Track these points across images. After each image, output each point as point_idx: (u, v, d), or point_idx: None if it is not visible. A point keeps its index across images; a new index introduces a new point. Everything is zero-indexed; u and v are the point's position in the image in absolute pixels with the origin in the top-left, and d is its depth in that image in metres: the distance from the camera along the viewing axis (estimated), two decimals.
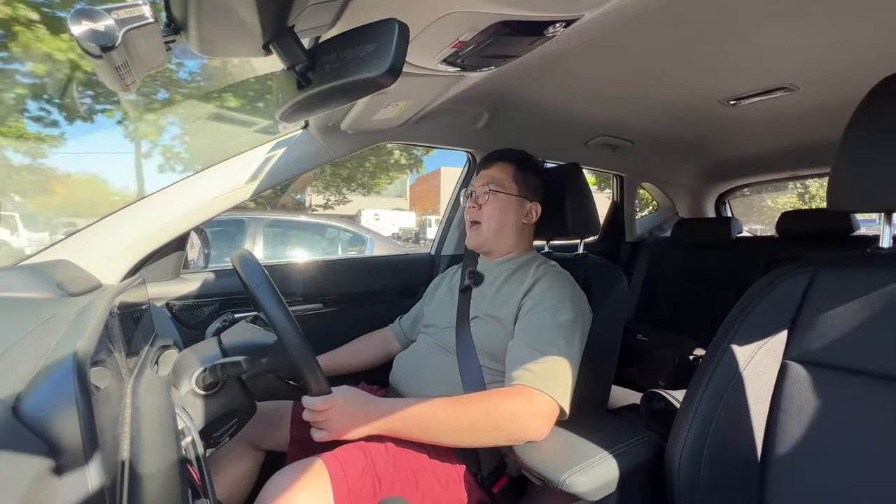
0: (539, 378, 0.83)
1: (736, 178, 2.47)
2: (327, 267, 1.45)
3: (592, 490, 0.71)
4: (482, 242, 1.10)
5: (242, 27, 0.55)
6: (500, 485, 0.91)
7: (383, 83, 0.53)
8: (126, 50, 0.49)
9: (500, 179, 1.09)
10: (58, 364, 0.40)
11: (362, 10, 0.63)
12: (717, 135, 1.73)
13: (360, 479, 0.79)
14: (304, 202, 14.22)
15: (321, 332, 1.34)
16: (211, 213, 1.12)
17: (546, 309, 0.92)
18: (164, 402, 0.58)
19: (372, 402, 0.82)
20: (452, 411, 0.79)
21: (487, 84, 1.07)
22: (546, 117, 1.42)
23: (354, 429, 0.79)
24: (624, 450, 0.79)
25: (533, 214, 1.12)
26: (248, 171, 1.16)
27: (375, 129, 1.26)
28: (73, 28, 0.46)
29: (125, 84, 0.57)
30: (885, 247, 0.69)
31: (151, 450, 0.48)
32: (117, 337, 0.62)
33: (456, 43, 0.78)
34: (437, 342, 1.07)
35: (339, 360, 1.20)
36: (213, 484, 0.60)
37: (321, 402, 0.77)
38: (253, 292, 0.75)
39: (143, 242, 1.06)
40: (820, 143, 1.67)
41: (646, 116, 1.48)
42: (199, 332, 1.19)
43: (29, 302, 0.73)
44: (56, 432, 0.34)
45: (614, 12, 0.74)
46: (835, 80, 1.10)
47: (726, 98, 1.26)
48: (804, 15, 0.81)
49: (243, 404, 0.79)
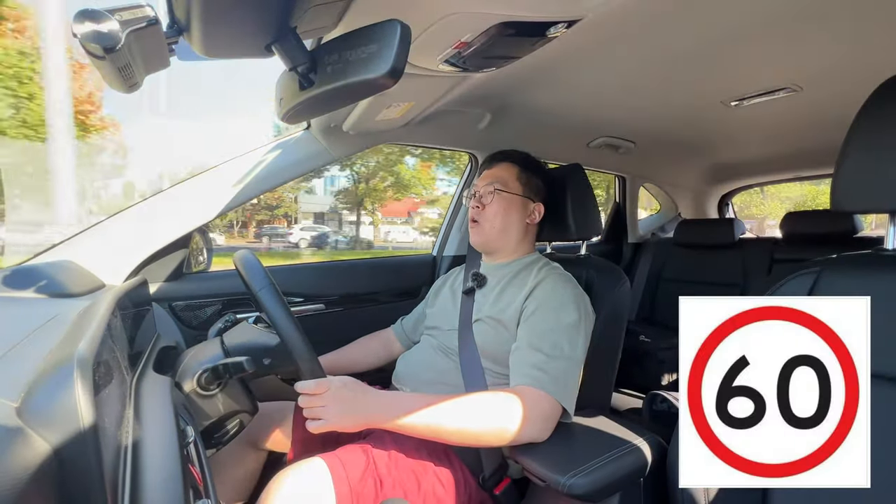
0: (541, 379, 0.82)
1: (738, 179, 2.46)
2: (329, 267, 1.45)
3: (595, 492, 0.71)
4: (485, 241, 1.10)
5: (245, 28, 0.55)
6: (501, 486, 0.90)
7: (385, 84, 0.53)
8: (129, 51, 0.50)
9: (504, 179, 1.09)
10: (60, 364, 0.40)
11: (364, 11, 0.64)
12: (720, 136, 1.73)
13: (361, 479, 0.79)
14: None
15: (323, 332, 1.34)
16: (214, 213, 1.13)
17: (549, 311, 0.92)
18: (166, 402, 0.59)
19: (370, 391, 0.80)
20: (455, 409, 0.79)
21: (489, 85, 1.07)
22: (548, 118, 1.42)
23: (352, 417, 0.75)
24: (626, 451, 0.79)
25: (536, 215, 1.12)
26: (251, 171, 1.16)
27: (377, 129, 1.26)
28: (76, 29, 0.46)
29: (128, 85, 0.57)
30: (890, 248, 0.68)
31: (153, 450, 0.48)
32: (120, 337, 0.62)
33: (458, 44, 0.78)
34: (440, 344, 1.07)
35: (341, 361, 1.20)
36: (214, 484, 0.60)
37: (315, 384, 0.75)
38: (254, 293, 0.75)
39: (145, 243, 1.07)
40: (823, 144, 1.66)
41: (648, 117, 1.47)
42: (201, 333, 1.19)
43: (32, 302, 0.73)
44: (58, 432, 0.34)
45: (616, 13, 0.74)
46: (838, 80, 1.10)
47: (729, 99, 1.26)
48: (807, 15, 0.81)
49: (245, 405, 0.79)
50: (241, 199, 1.15)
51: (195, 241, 1.21)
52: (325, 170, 12.38)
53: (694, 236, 2.13)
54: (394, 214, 20.06)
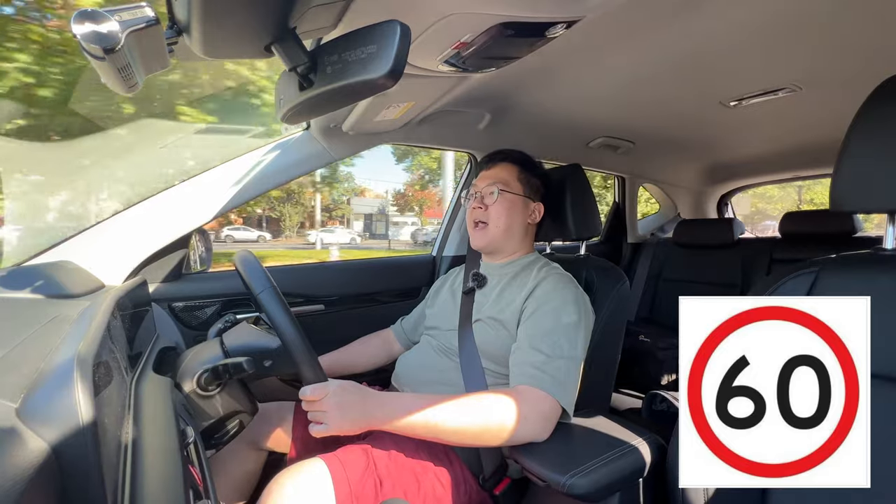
0: (541, 379, 0.83)
1: (738, 178, 2.46)
2: (329, 268, 1.45)
3: (595, 491, 0.71)
4: (489, 242, 1.10)
5: (244, 29, 0.55)
6: (501, 486, 0.91)
7: (385, 85, 0.53)
8: (128, 52, 0.50)
9: (506, 179, 1.09)
10: (60, 365, 0.40)
11: (364, 11, 0.64)
12: (719, 136, 1.73)
13: (361, 479, 0.79)
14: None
15: (323, 332, 1.34)
16: (213, 213, 1.13)
17: (549, 311, 0.92)
18: (166, 402, 0.59)
19: (370, 394, 0.79)
20: (455, 409, 0.79)
21: (489, 85, 1.07)
22: (547, 118, 1.42)
23: (353, 421, 0.75)
24: (626, 451, 0.79)
25: (536, 214, 1.12)
26: (250, 172, 1.16)
27: (377, 130, 1.26)
28: (76, 29, 0.46)
29: (127, 86, 0.57)
30: (889, 248, 0.68)
31: (153, 451, 0.48)
32: (119, 338, 0.62)
33: (457, 44, 0.78)
34: (439, 344, 1.07)
35: (340, 361, 1.20)
36: (214, 485, 0.60)
37: (315, 389, 0.75)
38: (256, 296, 0.75)
39: (145, 243, 1.07)
40: (822, 143, 1.67)
41: (647, 117, 1.47)
42: (200, 333, 1.19)
43: (31, 303, 0.73)
44: (58, 433, 0.34)
45: (615, 14, 0.74)
46: (837, 80, 1.10)
47: (728, 99, 1.26)
48: (806, 16, 0.81)
49: (245, 405, 0.79)
50: (240, 200, 1.15)
51: (195, 241, 1.21)
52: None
53: (693, 236, 2.14)
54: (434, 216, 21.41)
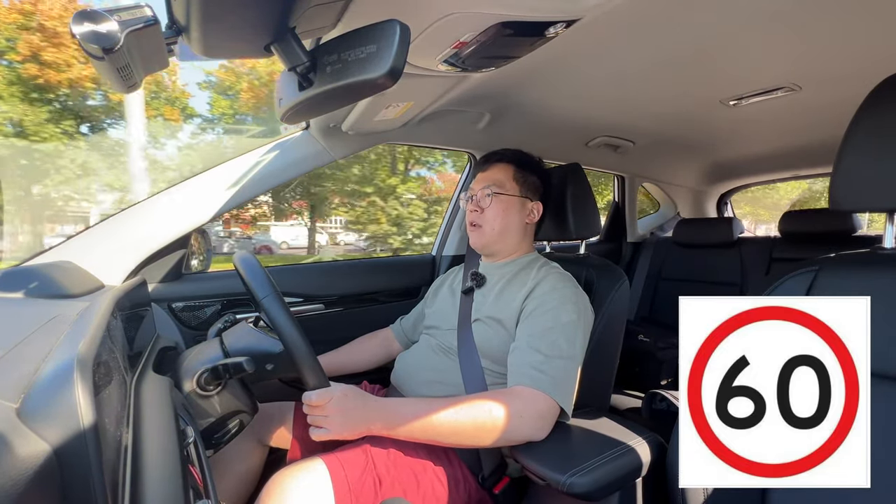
0: (539, 380, 0.83)
1: (737, 178, 2.46)
2: (329, 267, 1.45)
3: (595, 490, 0.71)
4: (485, 244, 1.10)
5: (244, 29, 0.55)
6: (501, 485, 0.91)
7: (384, 84, 0.53)
8: (128, 51, 0.49)
9: (500, 180, 1.09)
10: (60, 365, 0.40)
11: (363, 11, 0.63)
12: (719, 135, 1.73)
13: (360, 478, 0.79)
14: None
15: (322, 332, 1.34)
16: (212, 213, 1.13)
17: (548, 311, 0.92)
18: (166, 402, 0.58)
19: (371, 400, 0.81)
20: (454, 411, 0.79)
21: (488, 85, 1.07)
22: (547, 118, 1.42)
23: (353, 427, 0.77)
24: (626, 450, 0.79)
25: (535, 214, 1.12)
26: (250, 171, 1.16)
27: (377, 130, 1.26)
28: (75, 29, 0.46)
29: (127, 86, 0.57)
30: (889, 247, 0.68)
31: (153, 451, 0.48)
32: (119, 338, 0.62)
33: (457, 44, 0.78)
34: (439, 344, 1.07)
35: (340, 360, 1.20)
36: (214, 485, 0.60)
37: (318, 395, 0.76)
38: (258, 300, 0.75)
39: (145, 243, 1.07)
40: (822, 143, 1.67)
41: (647, 117, 1.47)
42: (200, 333, 1.19)
43: (31, 303, 0.73)
44: (58, 433, 0.34)
45: (614, 13, 0.74)
46: (836, 79, 1.10)
47: (727, 98, 1.26)
48: (805, 15, 0.81)
49: (245, 405, 0.79)
50: (239, 200, 1.15)
51: (195, 241, 1.21)
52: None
53: (693, 235, 2.14)
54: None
